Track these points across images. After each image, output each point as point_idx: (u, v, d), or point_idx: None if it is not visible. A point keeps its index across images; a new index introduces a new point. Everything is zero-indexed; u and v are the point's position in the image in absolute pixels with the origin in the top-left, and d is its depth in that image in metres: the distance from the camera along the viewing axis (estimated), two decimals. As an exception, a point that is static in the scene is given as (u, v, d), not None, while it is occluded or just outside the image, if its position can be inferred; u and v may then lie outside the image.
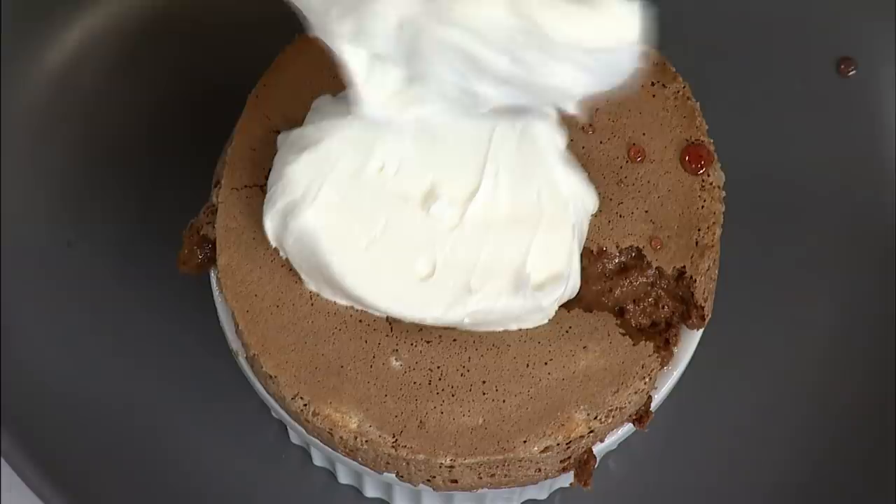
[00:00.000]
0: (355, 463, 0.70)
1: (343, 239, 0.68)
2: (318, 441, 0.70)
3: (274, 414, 0.73)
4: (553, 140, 0.69)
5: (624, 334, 0.70)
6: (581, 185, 0.70)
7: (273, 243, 0.70)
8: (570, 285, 0.69)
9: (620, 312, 0.71)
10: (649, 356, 0.70)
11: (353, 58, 0.63)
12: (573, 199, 0.69)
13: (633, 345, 0.70)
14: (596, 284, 0.71)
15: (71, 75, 0.90)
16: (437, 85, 0.63)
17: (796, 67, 0.91)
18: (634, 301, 0.71)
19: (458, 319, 0.68)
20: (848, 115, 0.90)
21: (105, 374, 0.82)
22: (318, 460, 0.81)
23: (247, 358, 0.71)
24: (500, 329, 0.69)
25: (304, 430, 0.70)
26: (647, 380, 0.69)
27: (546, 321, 0.70)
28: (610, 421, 0.69)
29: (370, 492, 0.79)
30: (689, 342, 0.72)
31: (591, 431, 0.68)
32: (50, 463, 0.78)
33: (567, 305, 0.70)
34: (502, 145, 0.68)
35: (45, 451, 0.79)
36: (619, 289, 0.71)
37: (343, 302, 0.70)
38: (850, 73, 0.90)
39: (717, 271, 0.72)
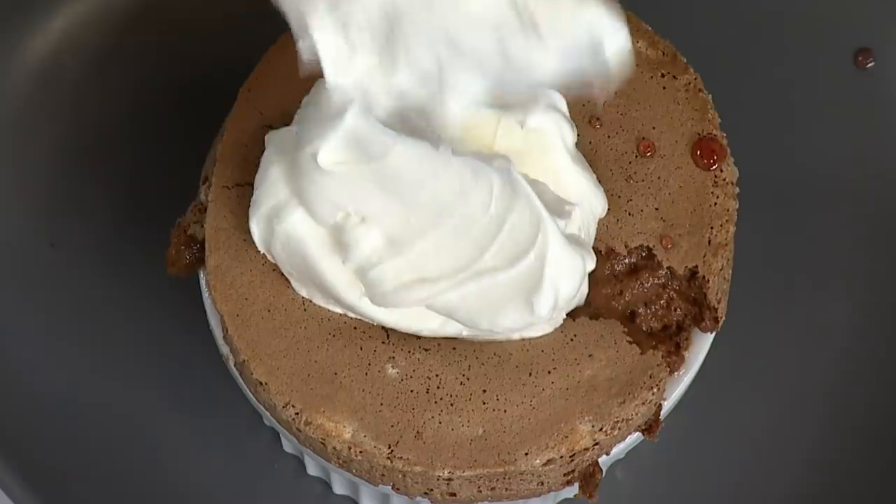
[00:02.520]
0: (350, 474, 0.69)
1: (333, 244, 0.66)
2: (311, 451, 0.70)
3: (266, 421, 0.72)
4: (561, 134, 0.67)
5: (631, 342, 0.69)
6: (590, 186, 0.69)
7: (261, 248, 0.68)
8: (577, 293, 0.67)
9: (631, 316, 0.70)
10: (658, 365, 0.69)
11: (326, 49, 0.62)
12: (580, 201, 0.67)
13: (641, 353, 0.69)
14: (605, 287, 0.70)
15: (54, 68, 0.89)
16: (410, 75, 0.62)
17: (813, 59, 0.90)
18: (645, 304, 0.70)
19: (455, 331, 0.67)
20: (866, 108, 0.89)
21: (89, 377, 0.82)
22: (312, 470, 0.80)
23: (236, 364, 0.71)
24: (502, 338, 0.68)
25: (296, 440, 0.69)
26: (655, 390, 0.68)
27: (551, 330, 0.69)
28: (616, 433, 0.68)
29: (366, 503, 0.78)
30: (701, 346, 0.71)
31: (596, 444, 0.68)
32: (31, 471, 0.78)
33: (573, 312, 0.69)
34: (507, 138, 0.66)
35: (26, 458, 0.78)
36: (629, 291, 0.70)
37: (337, 309, 0.69)
38: (868, 64, 0.90)
39: (730, 271, 0.72)
